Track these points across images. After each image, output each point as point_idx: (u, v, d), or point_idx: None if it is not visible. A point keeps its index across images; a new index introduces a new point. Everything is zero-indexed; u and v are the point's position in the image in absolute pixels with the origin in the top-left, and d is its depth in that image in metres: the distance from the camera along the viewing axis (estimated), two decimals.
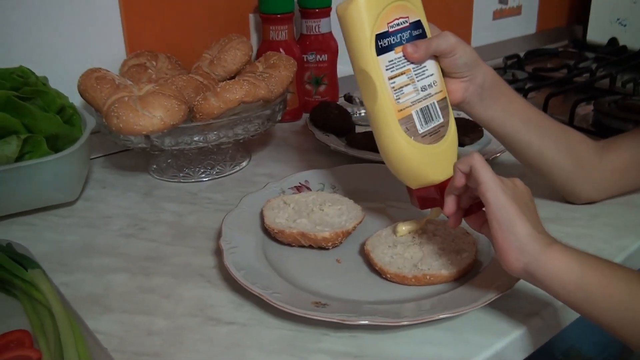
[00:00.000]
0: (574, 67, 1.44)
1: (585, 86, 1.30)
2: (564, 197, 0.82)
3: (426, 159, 0.65)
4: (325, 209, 0.74)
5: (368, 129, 1.06)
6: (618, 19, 1.64)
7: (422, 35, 0.67)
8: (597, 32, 1.68)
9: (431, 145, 0.65)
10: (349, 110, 1.11)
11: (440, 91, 0.67)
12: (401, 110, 0.64)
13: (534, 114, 0.74)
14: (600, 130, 1.07)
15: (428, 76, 0.66)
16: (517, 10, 1.68)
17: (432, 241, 0.69)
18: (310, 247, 0.71)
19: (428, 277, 0.63)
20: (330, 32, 1.16)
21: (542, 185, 0.80)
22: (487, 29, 1.62)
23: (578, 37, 1.75)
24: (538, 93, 1.27)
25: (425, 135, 0.65)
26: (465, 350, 0.56)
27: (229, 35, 1.00)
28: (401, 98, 0.64)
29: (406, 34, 0.65)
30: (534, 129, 0.74)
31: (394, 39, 0.64)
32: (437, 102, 0.67)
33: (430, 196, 0.66)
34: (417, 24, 0.66)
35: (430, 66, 0.67)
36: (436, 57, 0.67)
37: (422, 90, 0.65)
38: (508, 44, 1.67)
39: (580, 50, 1.66)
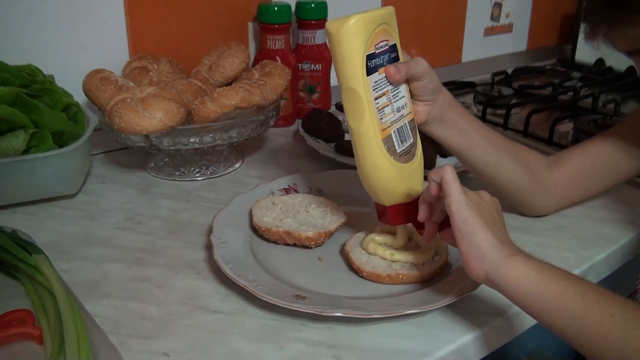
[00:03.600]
0: (559, 85, 1.49)
1: (568, 104, 1.35)
2: (520, 210, 0.87)
3: (403, 177, 0.69)
4: (310, 211, 0.80)
5: None
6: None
7: (397, 59, 0.70)
8: (586, 52, 1.73)
9: (406, 164, 0.69)
10: (340, 118, 1.16)
11: (410, 112, 0.71)
12: (384, 130, 0.66)
13: (489, 133, 0.79)
14: None
15: (401, 98, 0.70)
16: (508, 28, 1.74)
17: (407, 243, 0.74)
18: (295, 245, 0.76)
19: (401, 276, 0.68)
20: (325, 43, 1.21)
21: None
22: (478, 45, 1.68)
23: (567, 57, 1.80)
24: (522, 109, 1.32)
25: (402, 154, 0.69)
26: (429, 344, 0.61)
27: (228, 42, 1.06)
28: (383, 118, 0.67)
29: (386, 57, 0.68)
30: (490, 147, 0.79)
31: (378, 61, 0.66)
32: (408, 123, 0.70)
33: (403, 212, 0.70)
34: (394, 48, 0.69)
35: (402, 89, 0.70)
36: (406, 81, 0.71)
37: (397, 112, 0.69)
38: (498, 60, 1.73)
39: (567, 69, 1.71)
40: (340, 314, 0.61)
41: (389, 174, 0.67)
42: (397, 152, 0.68)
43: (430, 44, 1.57)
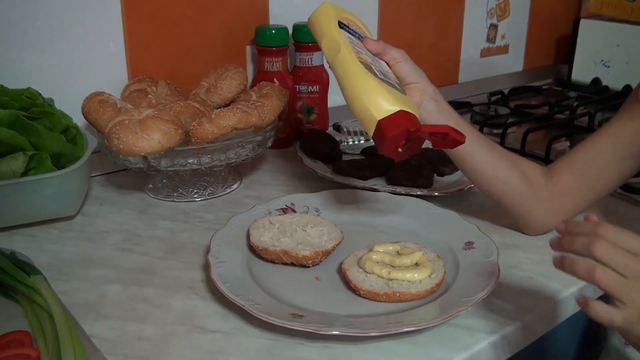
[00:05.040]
0: (556, 104, 1.50)
1: (565, 123, 1.36)
2: (520, 226, 0.86)
3: (389, 89, 0.70)
4: (307, 230, 0.80)
5: (354, 157, 1.12)
6: (602, 61, 1.71)
7: None
8: (582, 72, 1.74)
9: (390, 86, 0.71)
10: (337, 139, 1.17)
11: (397, 82, 0.76)
12: (362, 60, 0.72)
13: (484, 138, 0.80)
14: None
15: (386, 69, 0.76)
16: (504, 49, 1.76)
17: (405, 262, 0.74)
18: (292, 264, 0.76)
19: (398, 294, 0.69)
20: (322, 65, 1.22)
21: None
22: (475, 66, 1.69)
23: (563, 76, 1.82)
24: (518, 128, 1.33)
25: (383, 81, 0.71)
26: None
27: (226, 65, 1.07)
28: (361, 54, 0.73)
29: (358, 35, 0.79)
30: (488, 151, 0.79)
31: (350, 30, 0.78)
32: (396, 83, 0.75)
33: (397, 119, 0.67)
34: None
35: (386, 66, 0.77)
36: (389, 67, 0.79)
37: (380, 71, 0.73)
38: (495, 80, 1.74)
39: (563, 89, 1.72)
40: (337, 332, 0.61)
41: (372, 81, 0.69)
42: (378, 76, 0.71)
43: (427, 65, 1.57)
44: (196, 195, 0.98)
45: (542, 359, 0.83)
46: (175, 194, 0.98)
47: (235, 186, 1.03)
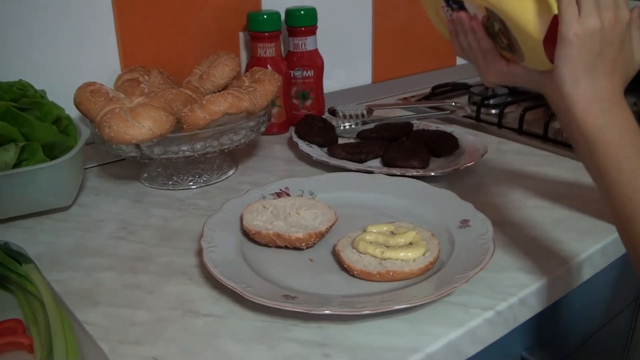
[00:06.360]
0: None
1: None
2: None
3: None
4: (301, 213, 0.79)
5: (350, 141, 1.11)
6: None
7: None
8: None
9: None
10: (333, 123, 1.17)
11: None
12: None
13: None
14: None
15: None
16: None
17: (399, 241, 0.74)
18: (286, 247, 0.76)
19: (391, 273, 0.68)
20: (316, 49, 1.21)
21: (515, 192, 0.85)
22: None
23: None
24: (516, 107, 1.32)
25: None
26: (421, 340, 0.61)
27: (218, 51, 1.06)
28: None
29: None
30: None
31: None
32: None
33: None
34: None
35: None
36: None
37: None
38: None
39: None
40: (328, 312, 0.60)
41: None
42: None
43: (424, 47, 1.58)
44: (191, 183, 0.98)
45: (543, 336, 0.83)
46: (170, 182, 0.98)
47: (230, 173, 1.02)
